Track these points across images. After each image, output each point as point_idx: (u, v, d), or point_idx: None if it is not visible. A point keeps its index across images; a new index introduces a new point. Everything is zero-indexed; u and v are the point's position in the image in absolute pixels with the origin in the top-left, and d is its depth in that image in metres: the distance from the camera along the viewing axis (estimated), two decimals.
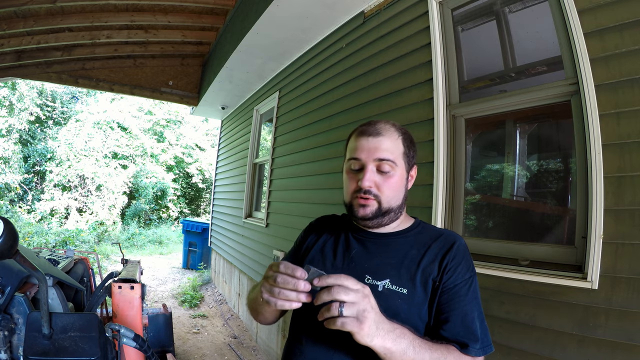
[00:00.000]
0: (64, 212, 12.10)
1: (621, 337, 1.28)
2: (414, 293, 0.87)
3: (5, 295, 1.47)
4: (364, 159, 0.92)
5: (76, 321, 1.24)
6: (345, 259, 0.96)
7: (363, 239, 0.98)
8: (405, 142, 0.95)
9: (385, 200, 0.92)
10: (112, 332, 1.20)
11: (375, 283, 0.88)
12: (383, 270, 0.90)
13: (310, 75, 3.65)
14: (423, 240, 0.95)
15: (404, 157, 0.94)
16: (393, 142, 0.93)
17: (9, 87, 11.16)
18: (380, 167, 0.91)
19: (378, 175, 0.91)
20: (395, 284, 0.87)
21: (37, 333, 1.09)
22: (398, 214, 0.96)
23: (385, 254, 0.93)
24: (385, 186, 0.91)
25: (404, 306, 0.85)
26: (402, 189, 0.95)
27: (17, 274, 1.57)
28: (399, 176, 0.93)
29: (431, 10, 2.19)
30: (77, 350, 1.14)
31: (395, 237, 0.97)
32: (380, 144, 0.92)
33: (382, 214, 0.92)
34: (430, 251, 0.92)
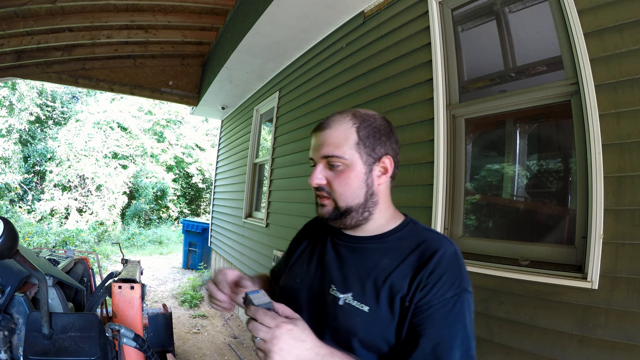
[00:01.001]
0: (64, 212, 12.10)
1: (621, 337, 1.28)
2: (377, 311, 0.75)
3: (6, 295, 1.47)
4: (314, 157, 0.85)
5: (76, 321, 1.24)
6: (318, 266, 0.89)
7: (340, 243, 0.89)
8: (361, 131, 0.82)
9: (341, 199, 0.82)
10: (112, 332, 1.20)
11: (337, 295, 0.80)
12: (348, 282, 0.81)
13: (310, 75, 3.65)
14: (402, 247, 0.81)
15: (359, 148, 0.81)
16: (342, 133, 0.82)
17: (9, 87, 11.16)
18: (329, 162, 0.82)
19: (330, 172, 0.83)
20: (358, 299, 0.77)
21: (37, 333, 1.09)
22: (364, 213, 0.83)
23: (355, 262, 0.83)
24: (336, 183, 0.82)
25: (363, 325, 0.75)
26: (361, 186, 0.82)
27: (17, 274, 1.57)
28: (354, 171, 0.81)
29: (431, 10, 2.19)
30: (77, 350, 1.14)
31: (370, 243, 0.85)
32: (325, 138, 0.83)
33: (341, 215, 0.83)
34: (405, 263, 0.78)
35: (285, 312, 0.70)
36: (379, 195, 0.85)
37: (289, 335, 0.64)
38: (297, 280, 0.91)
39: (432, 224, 2.05)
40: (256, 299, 0.71)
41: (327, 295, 0.82)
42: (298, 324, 0.67)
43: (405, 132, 2.36)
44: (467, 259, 1.87)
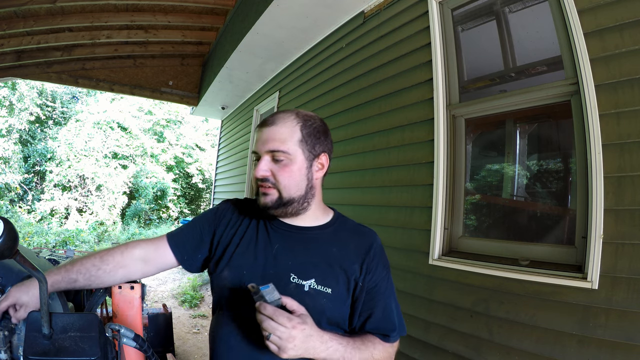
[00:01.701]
0: (64, 212, 12.09)
1: (621, 337, 1.28)
2: (337, 292, 0.90)
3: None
4: (259, 150, 0.92)
5: (76, 321, 1.24)
6: (269, 257, 0.93)
7: (284, 232, 0.96)
8: (304, 130, 0.92)
9: (284, 190, 0.90)
10: (112, 332, 1.19)
11: (301, 283, 0.89)
12: (308, 270, 0.90)
13: (310, 75, 3.64)
14: (342, 237, 0.96)
15: (302, 145, 0.91)
16: (288, 130, 0.90)
17: (9, 87, 11.16)
18: (274, 156, 0.90)
19: (274, 165, 0.90)
20: (321, 283, 0.89)
21: (37, 333, 1.09)
22: (304, 204, 0.93)
23: (307, 251, 0.93)
24: (280, 175, 0.90)
25: (329, 305, 0.89)
26: (302, 179, 0.92)
27: (17, 274, 1.57)
28: (296, 165, 0.90)
29: (431, 10, 2.19)
30: (77, 350, 1.14)
31: (316, 233, 0.96)
32: (272, 134, 0.90)
33: (283, 204, 0.91)
34: (350, 251, 0.94)
35: (292, 306, 0.80)
36: (316, 189, 0.96)
37: (303, 333, 0.76)
38: (244, 272, 0.92)
39: (432, 224, 2.05)
40: (268, 294, 0.77)
41: (289, 283, 0.89)
42: (307, 321, 0.79)
43: (405, 132, 2.36)
44: (467, 259, 1.87)
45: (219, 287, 0.95)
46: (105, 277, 0.98)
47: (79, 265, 0.97)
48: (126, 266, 0.98)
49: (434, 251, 2.02)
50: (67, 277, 0.96)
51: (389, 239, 2.33)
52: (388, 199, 2.43)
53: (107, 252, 0.99)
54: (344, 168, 2.93)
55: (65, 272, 0.96)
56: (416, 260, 2.14)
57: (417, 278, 2.12)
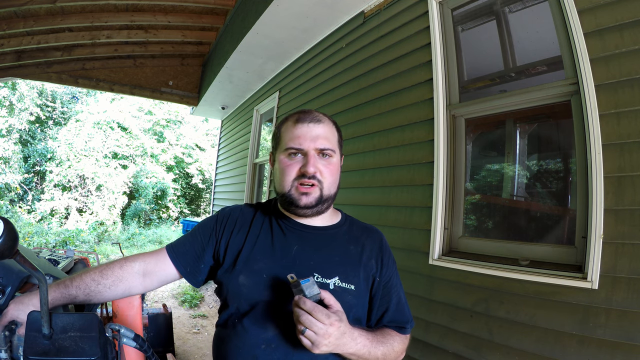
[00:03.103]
0: (64, 212, 12.09)
1: (621, 337, 1.28)
2: (359, 288, 0.92)
3: (6, 295, 1.46)
4: (306, 147, 0.91)
5: (76, 321, 1.24)
6: (288, 258, 0.92)
7: (301, 232, 0.96)
8: (338, 131, 0.99)
9: (327, 187, 0.93)
10: (112, 332, 1.19)
11: (325, 281, 0.90)
12: (330, 268, 0.92)
13: (311, 75, 3.64)
14: (356, 235, 1.00)
15: (338, 145, 0.98)
16: (330, 129, 0.96)
17: (9, 87, 11.16)
18: (323, 153, 0.93)
19: (320, 161, 0.92)
20: (344, 280, 0.91)
21: (37, 333, 1.09)
22: (332, 202, 0.97)
23: (327, 250, 0.95)
24: (327, 172, 0.92)
25: (354, 301, 0.91)
26: (338, 177, 0.97)
27: (17, 274, 1.57)
28: (337, 163, 0.96)
29: (431, 10, 2.19)
30: (77, 350, 1.14)
31: (332, 232, 0.99)
32: (322, 131, 0.93)
33: (322, 202, 0.93)
34: (365, 248, 0.98)
35: (330, 301, 0.81)
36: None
37: (338, 331, 0.77)
38: (264, 276, 0.90)
39: (432, 224, 2.05)
40: (308, 288, 0.79)
41: None
42: (343, 318, 0.80)
43: (405, 132, 2.36)
44: (467, 259, 1.87)
45: (234, 294, 0.91)
46: (106, 292, 0.94)
47: (79, 280, 0.94)
48: (126, 280, 0.95)
49: (434, 251, 2.02)
50: (67, 293, 0.93)
51: (389, 239, 2.31)
52: (388, 199, 2.43)
53: (107, 267, 0.96)
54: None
55: (65, 289, 0.94)
56: (416, 260, 2.14)
57: (417, 278, 2.12)
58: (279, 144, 0.97)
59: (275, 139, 1.00)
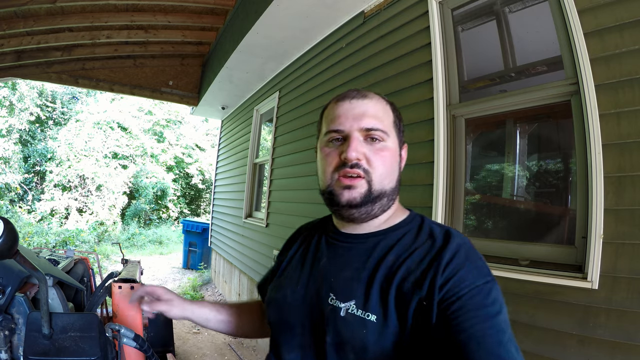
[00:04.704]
0: (64, 212, 12.09)
1: (621, 337, 1.28)
2: (386, 319, 0.63)
3: (6, 295, 1.47)
4: (348, 127, 0.71)
5: (76, 321, 1.24)
6: (312, 274, 0.76)
7: (336, 242, 0.77)
8: (395, 112, 0.77)
9: (377, 180, 0.70)
10: (112, 332, 1.19)
11: (338, 305, 0.67)
12: (349, 288, 0.68)
13: (311, 75, 3.65)
14: (407, 242, 0.70)
15: (396, 129, 0.75)
16: (382, 108, 0.74)
17: (9, 87, 11.16)
18: (369, 135, 0.71)
19: (367, 146, 0.70)
20: (362, 307, 0.65)
21: (37, 333, 1.09)
22: (391, 201, 0.74)
23: (356, 263, 0.71)
24: (376, 160, 0.70)
25: (373, 338, 0.63)
26: (396, 167, 0.74)
27: (17, 274, 1.57)
28: (391, 150, 0.72)
29: (431, 10, 2.19)
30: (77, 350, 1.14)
31: (372, 240, 0.73)
32: (367, 108, 0.71)
33: (372, 199, 0.70)
34: (412, 258, 0.67)
35: None
36: (399, 183, 0.76)
37: None
38: (288, 293, 0.77)
39: None
40: None
41: (326, 306, 0.69)
42: None
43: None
44: None
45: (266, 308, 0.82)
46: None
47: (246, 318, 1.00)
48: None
49: None
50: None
51: None
52: None
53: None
54: None
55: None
56: None
57: None
58: (320, 131, 0.78)
59: (318, 127, 0.80)
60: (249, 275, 4.81)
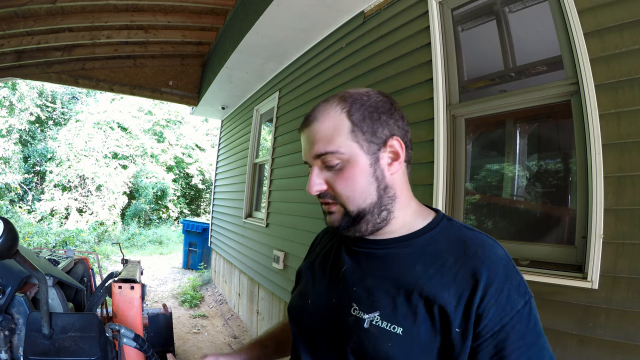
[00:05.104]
0: (64, 212, 12.10)
1: (621, 337, 1.28)
2: (414, 332, 0.60)
3: (6, 295, 1.47)
4: (306, 159, 0.71)
5: (76, 321, 1.24)
6: (334, 282, 0.73)
7: (357, 249, 0.73)
8: (354, 114, 0.67)
9: (349, 202, 0.67)
10: (112, 332, 1.20)
11: (362, 316, 0.64)
12: (374, 298, 0.65)
13: (311, 75, 3.65)
14: (437, 249, 0.65)
15: (356, 136, 0.66)
16: (332, 123, 0.67)
17: (9, 87, 11.16)
18: (325, 162, 0.68)
19: (328, 173, 0.68)
20: (387, 319, 0.62)
21: (37, 333, 1.10)
22: (382, 213, 0.68)
23: (379, 272, 0.67)
24: (338, 185, 0.67)
25: (399, 351, 0.60)
26: (369, 181, 0.67)
27: (17, 274, 1.57)
28: (357, 166, 0.66)
29: (431, 10, 2.19)
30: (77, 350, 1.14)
31: (395, 247, 0.69)
32: (314, 133, 0.68)
33: (354, 220, 0.68)
34: (445, 269, 0.62)
35: None
36: (395, 188, 0.70)
37: None
38: (309, 301, 0.75)
39: None
40: None
41: (348, 316, 0.66)
42: None
43: None
44: None
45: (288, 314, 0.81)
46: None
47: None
48: None
49: None
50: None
51: None
52: None
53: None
54: None
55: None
56: None
57: None
58: None
59: None
60: (249, 275, 4.81)
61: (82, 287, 2.29)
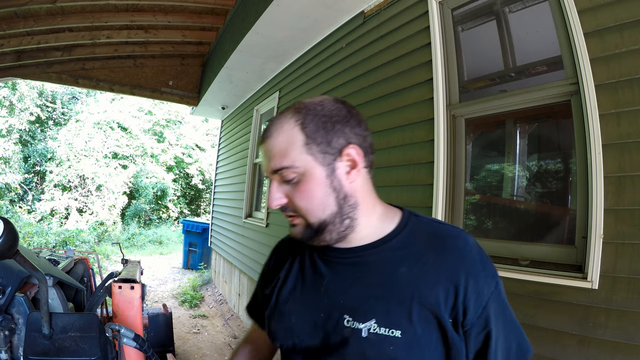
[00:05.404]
0: (64, 212, 12.10)
1: (621, 337, 1.28)
2: (411, 333, 0.63)
3: (6, 295, 1.47)
4: (266, 173, 0.72)
5: (76, 321, 1.24)
6: (318, 296, 0.71)
7: (333, 259, 0.73)
8: (307, 126, 0.67)
9: (309, 215, 0.68)
10: (112, 332, 1.20)
11: (357, 327, 0.65)
12: (365, 307, 0.66)
13: (311, 75, 3.65)
14: (415, 249, 0.69)
15: (310, 149, 0.66)
16: (286, 138, 0.68)
17: (9, 87, 11.17)
18: (282, 177, 0.68)
19: (287, 187, 0.69)
20: (384, 325, 0.64)
21: (38, 333, 1.10)
22: (344, 221, 0.69)
23: (364, 279, 0.68)
24: (297, 198, 0.68)
25: (401, 353, 0.63)
26: (327, 193, 0.67)
27: (17, 274, 1.57)
28: (313, 179, 0.67)
29: (431, 10, 2.19)
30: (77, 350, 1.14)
31: (374, 252, 0.70)
32: (269, 149, 0.69)
33: (317, 231, 0.68)
34: (428, 267, 0.66)
35: None
36: (356, 196, 0.70)
37: None
38: (293, 320, 0.73)
39: None
40: None
41: (343, 329, 0.67)
42: None
43: (405, 132, 2.36)
44: None
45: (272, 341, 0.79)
46: None
47: None
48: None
49: None
50: None
51: None
52: (388, 199, 2.41)
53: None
54: None
55: None
56: None
57: None
58: None
59: None
60: (249, 275, 4.81)
61: (82, 287, 2.28)
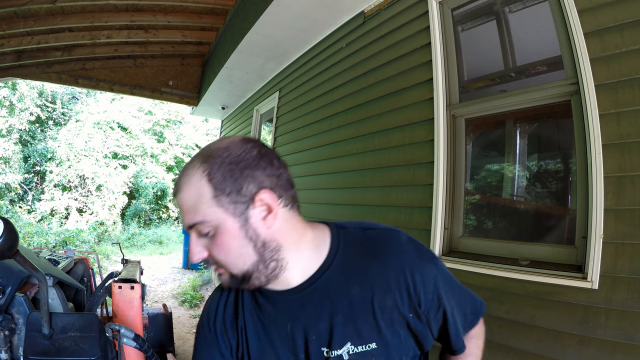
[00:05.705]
0: (64, 212, 12.09)
1: (621, 337, 1.28)
2: (386, 341, 0.68)
3: (6, 295, 1.47)
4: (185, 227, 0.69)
5: (76, 321, 1.24)
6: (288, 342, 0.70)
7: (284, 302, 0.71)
8: (214, 177, 0.63)
9: (230, 267, 0.66)
10: (112, 332, 1.20)
11: (337, 353, 0.67)
12: (336, 334, 0.68)
13: (310, 75, 3.65)
14: (356, 265, 0.70)
15: (219, 200, 0.63)
16: (194, 192, 0.64)
17: (9, 87, 11.17)
18: (198, 231, 0.66)
19: (205, 240, 0.66)
20: (360, 343, 0.67)
21: (37, 333, 1.10)
22: (269, 265, 0.67)
23: (326, 310, 0.68)
24: (216, 252, 0.66)
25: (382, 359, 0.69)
26: (243, 244, 0.65)
27: (17, 274, 1.57)
28: (227, 232, 0.64)
29: (431, 10, 2.19)
30: (77, 350, 1.14)
31: (320, 283, 0.69)
32: (181, 204, 0.66)
33: (242, 279, 0.67)
34: (375, 277, 0.69)
35: None
36: (277, 239, 0.67)
37: None
38: None
39: (432, 224, 2.05)
40: None
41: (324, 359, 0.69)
42: None
43: (405, 132, 2.36)
44: (467, 259, 1.87)
45: None
46: None
47: None
48: None
49: (434, 251, 2.02)
50: None
51: None
52: (388, 199, 2.43)
53: None
54: (344, 168, 2.93)
55: None
56: None
57: None
58: None
59: None
60: None
61: (82, 287, 2.29)
